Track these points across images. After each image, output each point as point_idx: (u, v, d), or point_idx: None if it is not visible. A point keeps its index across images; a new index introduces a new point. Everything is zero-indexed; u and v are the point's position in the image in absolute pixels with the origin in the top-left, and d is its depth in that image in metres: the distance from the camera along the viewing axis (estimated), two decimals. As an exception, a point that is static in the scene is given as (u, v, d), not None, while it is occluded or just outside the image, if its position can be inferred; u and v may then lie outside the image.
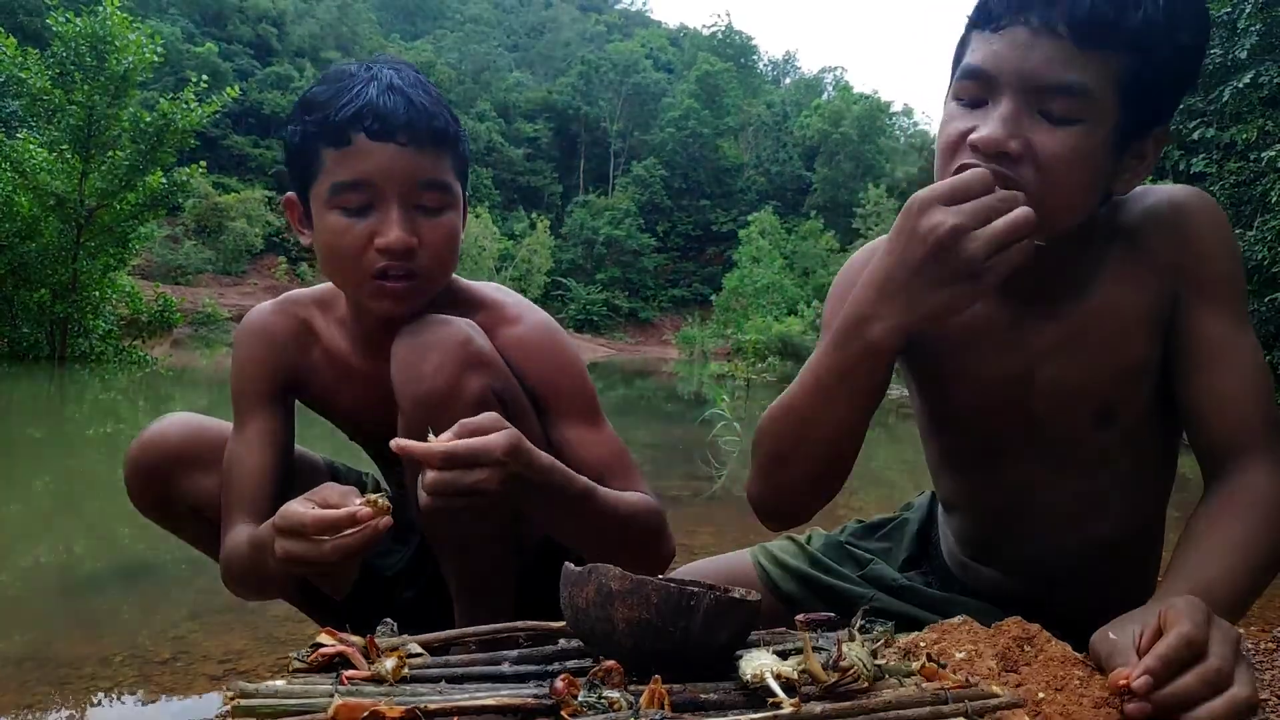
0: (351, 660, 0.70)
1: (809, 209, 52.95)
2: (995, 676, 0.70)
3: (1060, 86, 0.81)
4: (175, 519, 1.25)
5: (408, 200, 1.03)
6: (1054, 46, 0.80)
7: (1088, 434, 0.98)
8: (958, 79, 0.88)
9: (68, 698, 1.52)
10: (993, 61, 0.83)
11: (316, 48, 55.78)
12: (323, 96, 1.03)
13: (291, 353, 1.20)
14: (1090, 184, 0.86)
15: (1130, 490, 1.03)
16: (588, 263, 52.49)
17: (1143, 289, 0.93)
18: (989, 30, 0.85)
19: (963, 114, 0.87)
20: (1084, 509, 1.03)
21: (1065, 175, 0.83)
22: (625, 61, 61.93)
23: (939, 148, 0.90)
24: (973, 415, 1.05)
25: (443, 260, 1.08)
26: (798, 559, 1.29)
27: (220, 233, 37.70)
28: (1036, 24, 0.81)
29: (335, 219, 1.03)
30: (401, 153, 1.01)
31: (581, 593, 0.70)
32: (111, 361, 10.98)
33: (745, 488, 1.06)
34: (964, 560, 1.18)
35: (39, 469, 4.11)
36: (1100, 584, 1.08)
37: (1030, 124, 0.83)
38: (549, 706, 0.62)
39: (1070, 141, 0.82)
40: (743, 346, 25.04)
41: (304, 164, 1.05)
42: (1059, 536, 1.06)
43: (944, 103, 0.92)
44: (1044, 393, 0.98)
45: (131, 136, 10.50)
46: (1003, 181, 0.81)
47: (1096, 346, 0.95)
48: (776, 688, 0.61)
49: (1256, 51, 8.33)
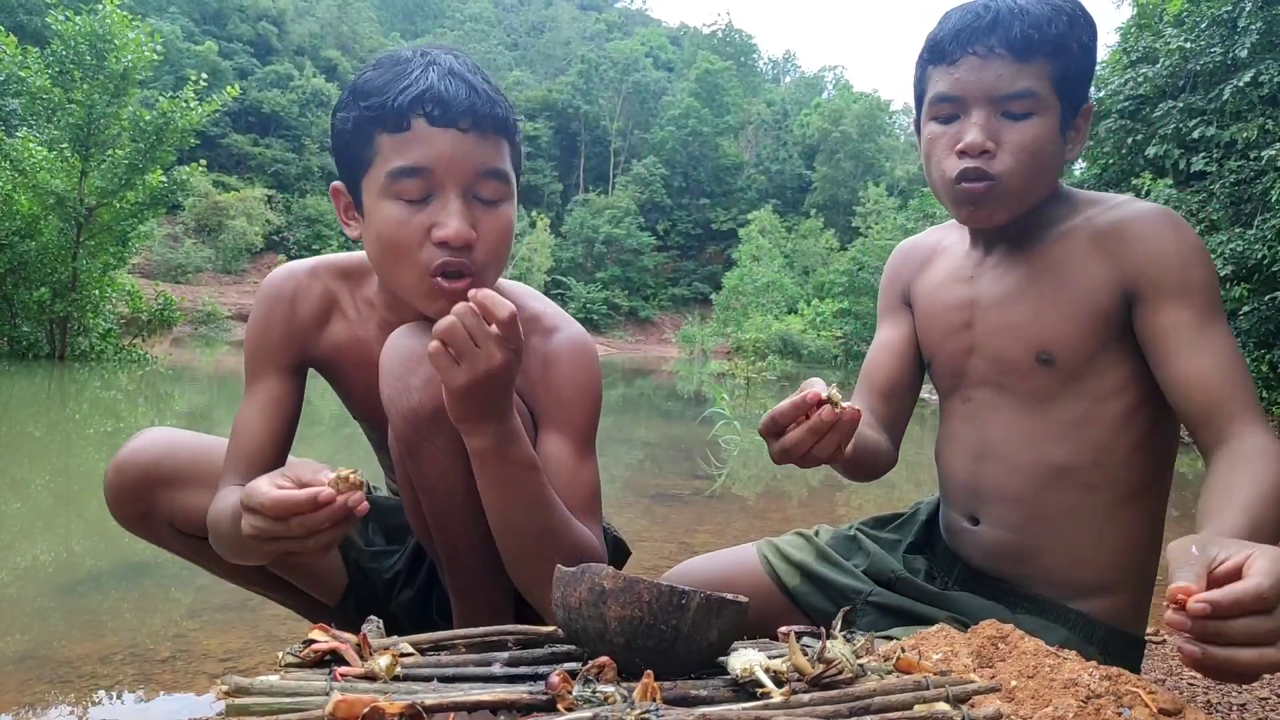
0: (345, 657, 0.70)
1: (809, 207, 52.97)
2: (971, 671, 0.72)
3: (1014, 93, 1.07)
4: (158, 535, 1.24)
5: (467, 190, 1.00)
6: (1001, 64, 1.07)
7: (1032, 368, 1.14)
8: (932, 103, 1.13)
9: (68, 696, 1.53)
10: (958, 86, 1.09)
11: (316, 46, 55.77)
12: (378, 81, 0.99)
13: (313, 324, 1.17)
14: (1050, 160, 1.11)
15: (1088, 429, 1.13)
16: (588, 261, 52.48)
17: (1095, 268, 1.10)
18: (945, 64, 1.10)
19: (943, 130, 1.13)
20: (1041, 439, 1.15)
21: (1031, 157, 1.08)
22: (625, 60, 61.91)
23: (931, 158, 1.14)
24: (941, 349, 1.26)
25: (498, 256, 1.04)
26: (803, 552, 1.32)
27: (220, 231, 37.68)
28: (984, 51, 1.07)
29: (391, 208, 0.99)
30: (462, 139, 0.98)
31: (574, 592, 0.70)
32: (111, 360, 10.99)
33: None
34: (959, 525, 1.24)
35: (39, 467, 4.11)
36: (1079, 531, 1.13)
37: (998, 125, 1.08)
38: (545, 701, 0.62)
39: (1030, 131, 1.08)
40: (743, 345, 25.06)
41: (356, 151, 1.01)
42: (1023, 465, 1.16)
43: (921, 125, 1.17)
44: (990, 326, 1.19)
45: (131, 135, 10.50)
46: (983, 175, 1.08)
47: (1039, 294, 1.13)
48: (766, 679, 0.62)
49: (1257, 50, 8.33)
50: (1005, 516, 1.18)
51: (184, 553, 1.25)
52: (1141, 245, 1.07)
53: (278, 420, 1.13)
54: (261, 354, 1.16)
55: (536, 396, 1.11)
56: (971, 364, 1.22)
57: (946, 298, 1.25)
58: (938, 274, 1.28)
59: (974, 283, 1.22)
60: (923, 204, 32.15)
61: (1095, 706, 0.65)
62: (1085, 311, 1.10)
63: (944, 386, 1.28)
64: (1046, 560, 1.15)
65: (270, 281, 1.19)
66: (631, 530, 1.21)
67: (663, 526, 3.29)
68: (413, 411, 0.98)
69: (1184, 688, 1.63)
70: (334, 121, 1.04)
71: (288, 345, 1.16)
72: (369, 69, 1.02)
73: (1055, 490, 1.14)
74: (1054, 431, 1.14)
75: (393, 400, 1.00)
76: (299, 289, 1.17)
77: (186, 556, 1.26)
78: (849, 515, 3.60)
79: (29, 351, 10.44)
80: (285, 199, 44.78)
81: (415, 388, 0.98)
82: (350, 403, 1.26)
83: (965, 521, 1.23)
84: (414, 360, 0.99)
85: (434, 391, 0.97)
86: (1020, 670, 0.72)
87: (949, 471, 1.27)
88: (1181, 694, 1.59)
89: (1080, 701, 0.65)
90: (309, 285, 1.18)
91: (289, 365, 1.16)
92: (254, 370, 1.16)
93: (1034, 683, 0.69)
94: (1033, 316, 1.14)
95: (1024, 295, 1.15)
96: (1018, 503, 1.16)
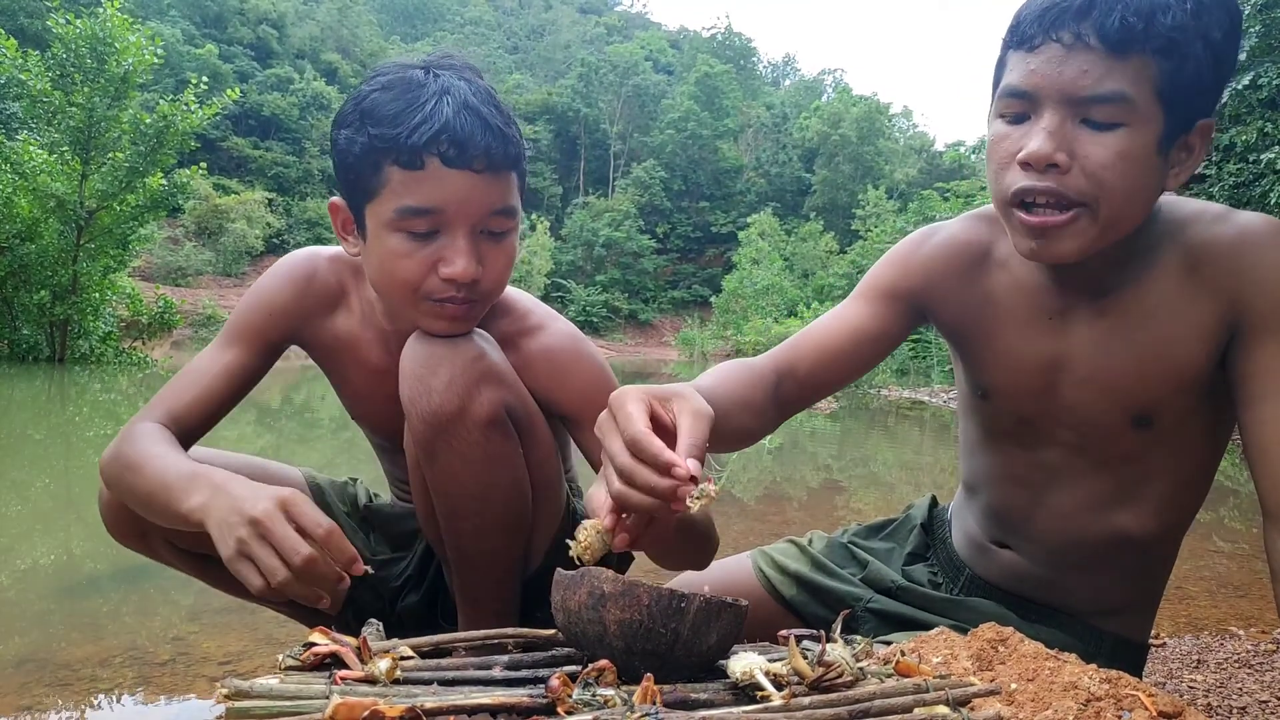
0: (345, 660, 0.70)
1: (808, 211, 52.98)
2: (971, 675, 0.72)
3: (1098, 95, 0.83)
4: (155, 552, 1.22)
5: (475, 228, 1.00)
6: (1089, 59, 0.83)
7: (1124, 431, 0.99)
8: (999, 98, 0.91)
9: (67, 699, 1.52)
10: (1031, 79, 0.87)
11: (317, 50, 55.82)
12: (389, 109, 0.96)
13: (321, 309, 1.18)
14: (1141, 184, 0.87)
15: (1163, 491, 1.02)
16: (587, 264, 52.48)
17: (1196, 306, 0.93)
18: (1025, 50, 0.88)
19: (1008, 131, 0.91)
20: (1112, 502, 1.03)
21: (1115, 179, 0.85)
22: (625, 64, 61.94)
23: (991, 165, 0.93)
24: (1009, 395, 1.06)
25: (501, 282, 1.06)
26: (798, 562, 1.28)
27: (220, 234, 37.71)
28: (1070, 40, 0.84)
29: (398, 242, 0.98)
30: (476, 181, 0.97)
31: (574, 595, 0.70)
32: (111, 363, 10.99)
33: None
34: (982, 544, 1.17)
35: (39, 470, 4.11)
36: (1114, 575, 1.09)
37: (1074, 133, 0.86)
38: (545, 705, 0.62)
39: (1115, 146, 0.85)
40: (742, 348, 25.05)
41: (363, 176, 0.99)
42: (1084, 524, 1.05)
43: (988, 121, 0.95)
44: (1079, 384, 1.00)
45: (131, 138, 10.53)
46: (1055, 195, 0.86)
47: (1140, 348, 0.95)
48: (766, 682, 0.62)
49: (1256, 53, 8.35)
50: (1041, 555, 1.11)
51: (184, 568, 1.24)
52: (1248, 272, 0.90)
53: (233, 388, 1.12)
54: (256, 320, 1.15)
55: (554, 400, 1.11)
56: (1047, 427, 1.05)
57: (1024, 353, 1.03)
58: (1002, 310, 1.05)
59: (1060, 335, 1.01)
60: (922, 207, 32.18)
61: (1095, 709, 0.65)
62: (1191, 364, 0.94)
63: (999, 428, 1.11)
64: (1070, 592, 1.11)
65: (292, 257, 1.20)
66: (631, 533, 1.23)
67: (663, 529, 3.28)
68: (432, 414, 0.99)
69: (1184, 691, 1.63)
70: (336, 137, 1.01)
71: (285, 321, 1.16)
72: (377, 89, 0.99)
73: (1109, 550, 1.06)
74: (1127, 495, 1.03)
75: (413, 402, 1.00)
76: (318, 271, 1.18)
77: (187, 571, 1.24)
78: (848, 518, 3.59)
79: (29, 354, 10.45)
80: (285, 202, 44.81)
81: (435, 390, 0.99)
82: (346, 400, 1.26)
83: (989, 542, 1.17)
84: (434, 362, 1.00)
85: (453, 393, 0.98)
86: (1020, 673, 0.72)
87: (989, 501, 1.16)
88: (1181, 697, 1.58)
89: (1080, 704, 0.66)
90: (327, 270, 1.19)
91: (274, 340, 1.16)
92: (239, 331, 1.15)
93: (1034, 686, 0.70)
94: (1133, 375, 0.96)
95: (1121, 348, 0.97)
96: (1062, 552, 1.09)
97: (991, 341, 1.06)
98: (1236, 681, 1.69)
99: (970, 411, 1.15)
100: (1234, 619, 2.30)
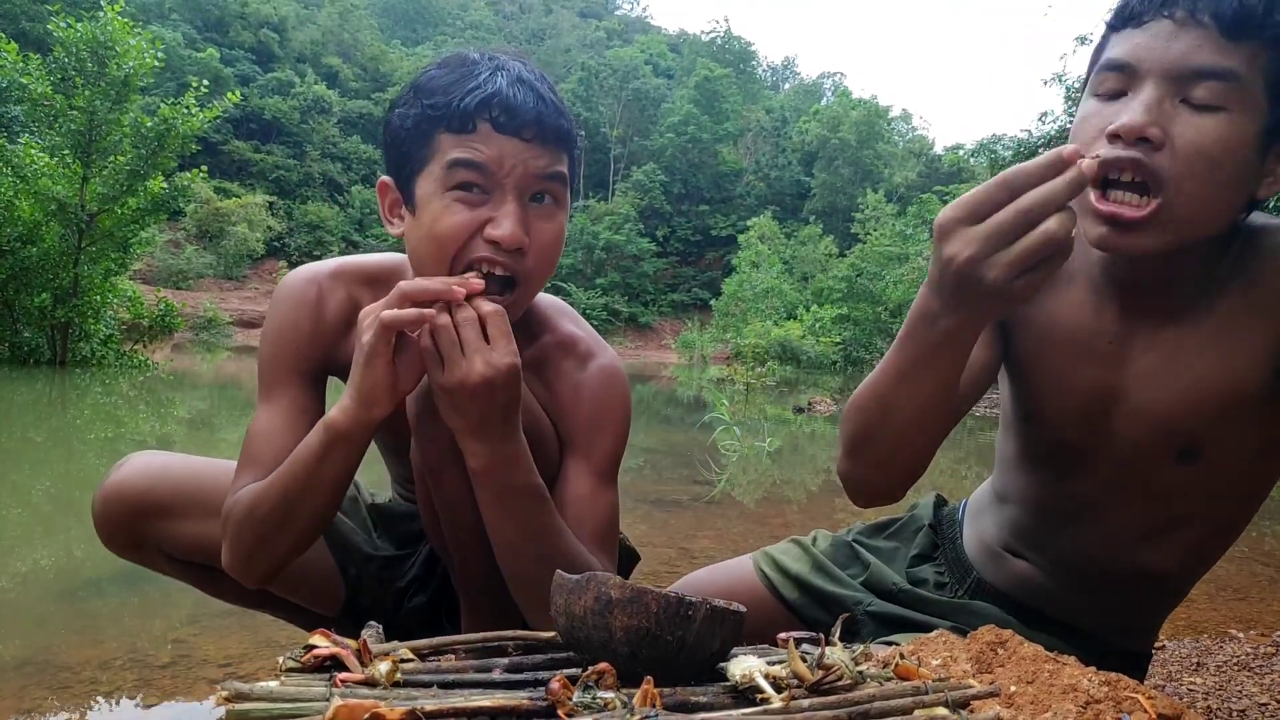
0: (345, 662, 0.70)
1: (808, 214, 53.01)
2: (970, 677, 0.72)
3: (1204, 71, 0.77)
4: (152, 562, 1.21)
5: (525, 193, 0.98)
6: (1199, 35, 0.78)
7: (1168, 465, 0.94)
8: (1096, 72, 0.86)
9: (67, 702, 1.52)
10: (1134, 52, 0.81)
11: (318, 54, 55.91)
12: (443, 81, 0.96)
13: (338, 331, 1.11)
14: (1231, 179, 0.80)
15: (1195, 537, 0.99)
16: (587, 267, 52.52)
17: (1257, 332, 0.87)
18: (1131, 27, 0.83)
19: (1099, 108, 0.84)
20: (1142, 540, 1.00)
21: (1205, 166, 0.79)
22: (625, 67, 62.05)
23: (1074, 143, 0.86)
24: (1053, 423, 1.01)
25: (545, 268, 1.02)
26: (800, 563, 1.27)
27: (221, 237, 37.76)
28: (1181, 15, 0.79)
29: (447, 201, 0.95)
30: (526, 147, 0.96)
31: (579, 601, 0.70)
32: (113, 366, 11.00)
33: (836, 468, 1.04)
34: (996, 550, 1.15)
35: (40, 473, 4.11)
36: (1126, 601, 1.07)
37: (1172, 111, 0.79)
38: (545, 707, 0.62)
39: (1213, 130, 0.78)
40: (742, 351, 25.04)
41: (414, 148, 0.97)
42: (1109, 556, 1.03)
43: (1081, 101, 0.89)
44: (1130, 415, 0.95)
45: (133, 141, 10.54)
46: (1141, 169, 0.79)
47: (1196, 380, 0.90)
48: (766, 685, 0.62)
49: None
50: (1056, 572, 1.08)
51: (181, 577, 1.23)
52: None
53: (302, 431, 1.00)
54: (285, 359, 1.08)
55: (565, 423, 1.10)
56: (1087, 457, 1.00)
57: (1076, 382, 0.97)
58: (1060, 332, 0.98)
59: (1116, 363, 0.95)
60: (921, 210, 32.21)
61: (1095, 712, 0.65)
62: (1245, 391, 0.88)
63: (1035, 453, 1.06)
64: (1078, 609, 1.09)
65: (291, 284, 1.13)
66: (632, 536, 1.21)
67: (663, 532, 3.29)
68: (442, 438, 0.98)
69: (1184, 693, 1.63)
70: (390, 118, 1.00)
71: (312, 352, 1.10)
72: (433, 68, 1.00)
73: (1127, 581, 1.03)
74: (1159, 535, 0.99)
75: (420, 418, 0.99)
76: (323, 293, 1.12)
77: (184, 580, 1.23)
78: (848, 520, 3.59)
79: (30, 357, 10.45)
80: (286, 205, 44.88)
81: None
82: None
83: (1004, 550, 1.14)
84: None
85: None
86: (1020, 675, 0.72)
87: (1014, 516, 1.12)
88: (1181, 699, 1.58)
89: (1079, 707, 0.66)
90: (333, 289, 1.12)
91: (311, 373, 1.10)
92: (274, 377, 1.08)
93: (1033, 688, 0.69)
94: (1183, 405, 0.90)
95: (1176, 378, 0.91)
96: (1079, 574, 1.06)
97: (1044, 364, 1.00)
98: (1236, 684, 1.69)
99: (1010, 429, 1.11)
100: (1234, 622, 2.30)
